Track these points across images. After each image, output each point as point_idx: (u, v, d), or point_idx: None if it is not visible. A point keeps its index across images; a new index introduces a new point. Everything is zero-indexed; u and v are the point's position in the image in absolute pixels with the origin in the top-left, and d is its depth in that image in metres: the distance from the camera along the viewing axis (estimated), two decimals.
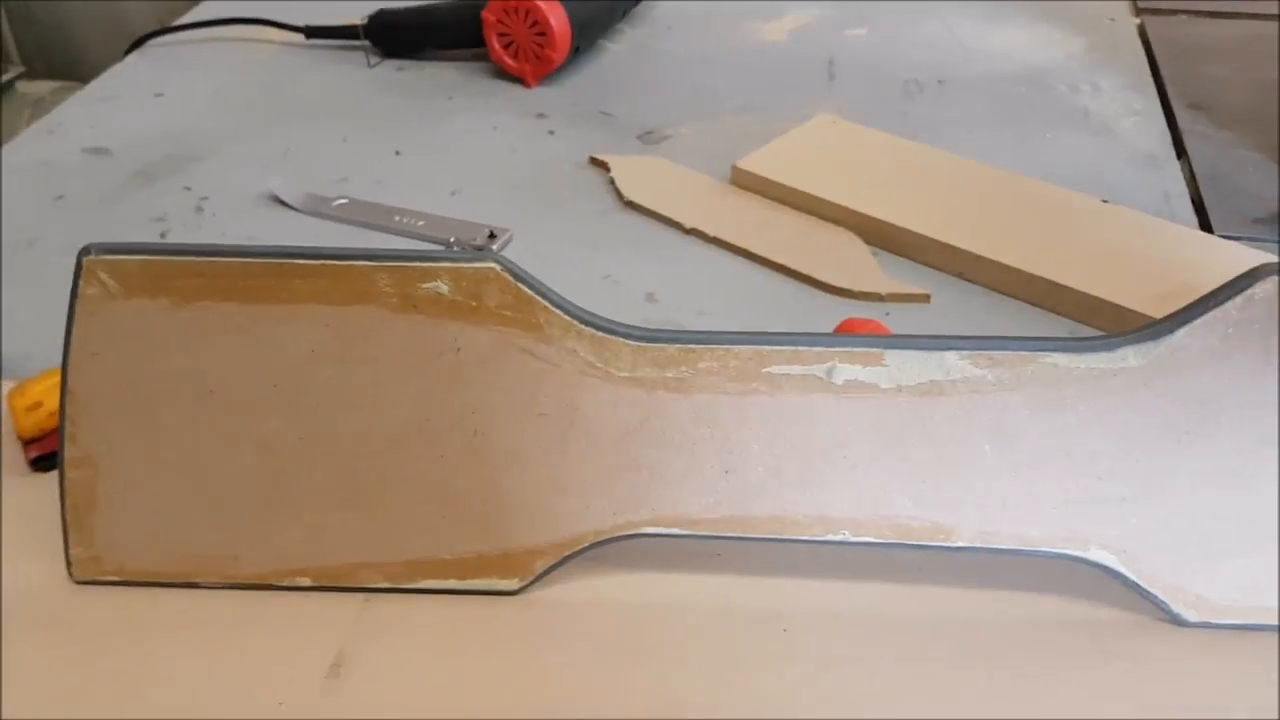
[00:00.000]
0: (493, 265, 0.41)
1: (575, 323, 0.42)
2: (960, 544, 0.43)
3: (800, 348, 0.42)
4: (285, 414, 0.43)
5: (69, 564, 0.45)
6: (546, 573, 0.45)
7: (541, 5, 0.86)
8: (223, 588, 0.45)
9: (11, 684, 0.42)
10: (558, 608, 0.45)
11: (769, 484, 0.43)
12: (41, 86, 1.82)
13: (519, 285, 0.42)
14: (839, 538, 0.43)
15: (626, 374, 0.42)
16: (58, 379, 0.52)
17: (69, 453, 0.43)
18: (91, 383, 0.42)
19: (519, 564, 0.45)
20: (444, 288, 0.41)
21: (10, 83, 1.76)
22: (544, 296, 0.42)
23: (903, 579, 0.45)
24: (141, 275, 0.40)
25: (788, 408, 0.42)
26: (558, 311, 0.42)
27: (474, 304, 0.42)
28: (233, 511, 0.44)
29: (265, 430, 0.43)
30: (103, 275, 0.40)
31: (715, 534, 0.43)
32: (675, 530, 0.44)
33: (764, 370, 0.42)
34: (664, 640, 0.44)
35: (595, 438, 0.43)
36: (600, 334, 0.42)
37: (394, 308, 0.42)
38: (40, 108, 1.76)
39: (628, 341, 0.42)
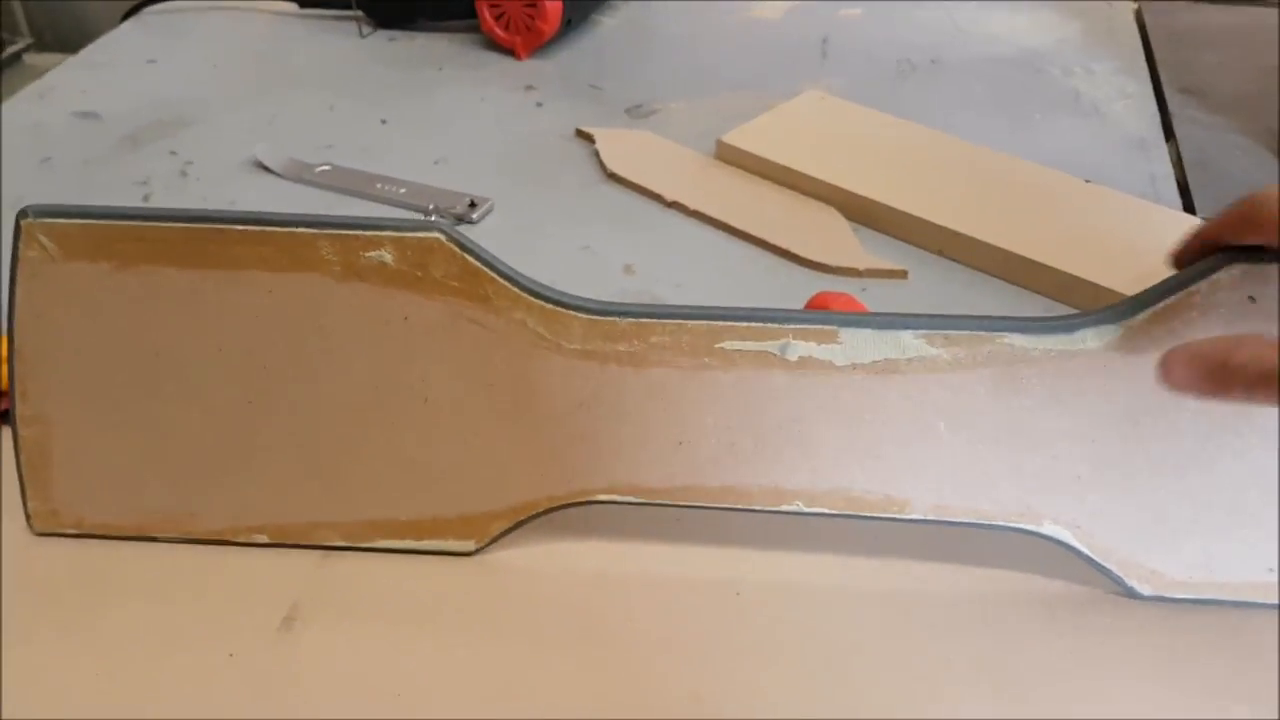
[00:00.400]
0: (437, 235, 0.41)
1: (524, 294, 0.42)
2: (913, 516, 0.42)
3: (754, 324, 0.41)
4: (233, 378, 0.43)
5: (28, 517, 0.45)
6: (501, 535, 0.45)
7: None
8: (180, 542, 0.46)
9: None
10: (514, 570, 0.45)
11: (722, 457, 0.43)
12: (49, 59, 1.82)
13: (465, 255, 0.41)
14: (792, 508, 0.43)
15: (577, 346, 0.42)
16: None
17: (20, 410, 0.43)
18: (38, 343, 0.42)
19: (475, 527, 0.45)
20: (388, 257, 0.41)
21: (17, 55, 1.77)
22: (490, 267, 0.41)
23: (856, 551, 0.45)
24: (81, 238, 0.40)
25: (741, 383, 0.42)
26: (505, 283, 0.41)
27: (419, 274, 0.41)
28: (187, 469, 0.44)
29: (214, 393, 0.43)
30: (42, 238, 0.40)
31: (669, 502, 0.43)
32: (629, 498, 0.43)
33: (717, 345, 0.42)
34: (616, 604, 0.44)
35: (547, 408, 0.43)
36: (550, 306, 0.42)
37: (337, 276, 0.41)
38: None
39: (578, 315, 0.42)
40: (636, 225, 0.69)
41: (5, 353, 0.51)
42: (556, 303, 0.42)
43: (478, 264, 0.41)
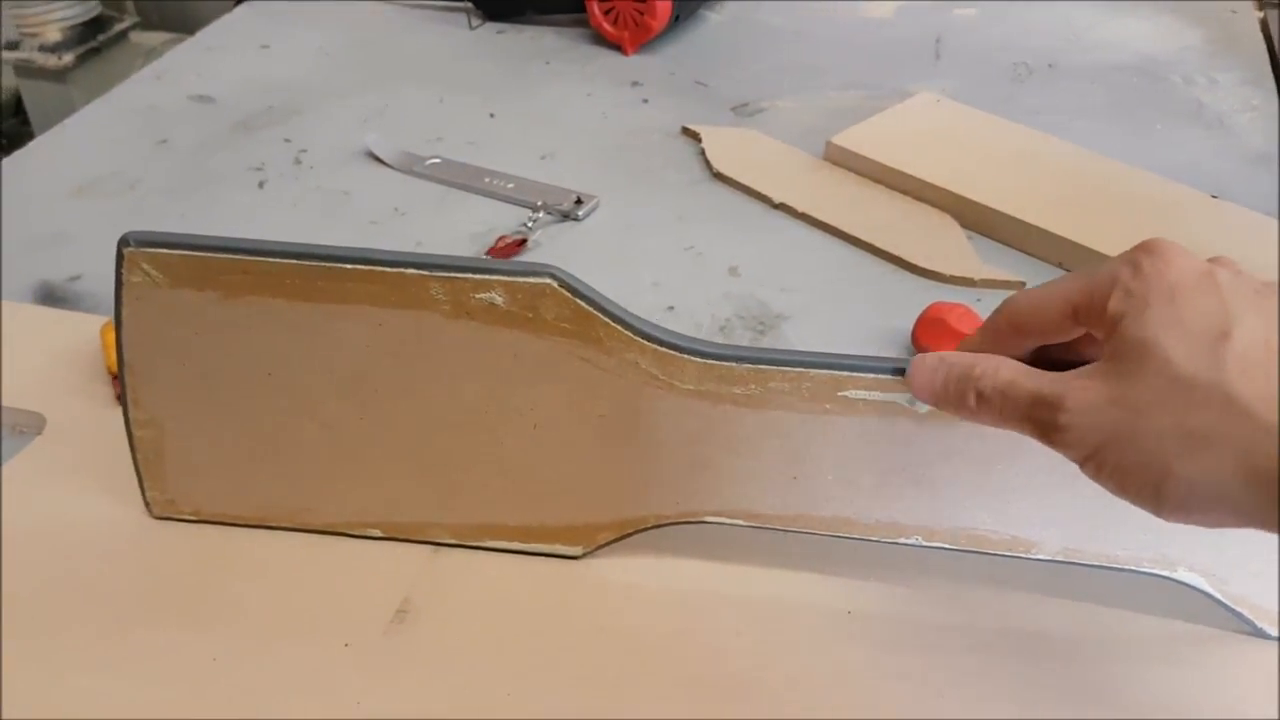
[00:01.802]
0: (549, 281, 0.39)
1: (636, 338, 0.40)
2: (1040, 556, 0.41)
3: (881, 375, 0.39)
4: (345, 396, 0.43)
5: (146, 504, 0.46)
6: (607, 544, 0.44)
7: None
8: (295, 530, 0.46)
9: (86, 610, 0.43)
10: (620, 578, 0.45)
11: (840, 491, 0.42)
12: (154, 37, 1.86)
13: (576, 300, 0.40)
14: (910, 541, 0.42)
15: (691, 387, 0.41)
16: None
17: (134, 414, 0.44)
18: (147, 357, 0.42)
19: (582, 535, 0.44)
20: (498, 299, 0.40)
21: (124, 32, 1.81)
22: (603, 311, 0.40)
23: (975, 586, 0.44)
24: (185, 268, 0.40)
25: (866, 428, 0.40)
26: (617, 326, 0.40)
27: (530, 315, 0.40)
28: (301, 472, 0.45)
29: (326, 409, 0.43)
30: (145, 266, 0.39)
31: (781, 527, 0.43)
32: (739, 521, 0.43)
33: (840, 394, 0.40)
34: (716, 620, 0.43)
35: (659, 439, 0.42)
36: (664, 350, 0.40)
37: (447, 314, 0.40)
38: (152, 58, 1.80)
39: (693, 359, 0.40)
40: (742, 226, 0.68)
41: (109, 338, 0.52)
42: (670, 346, 0.40)
43: (590, 309, 0.40)
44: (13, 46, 1.72)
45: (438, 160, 0.74)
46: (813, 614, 0.43)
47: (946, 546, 0.41)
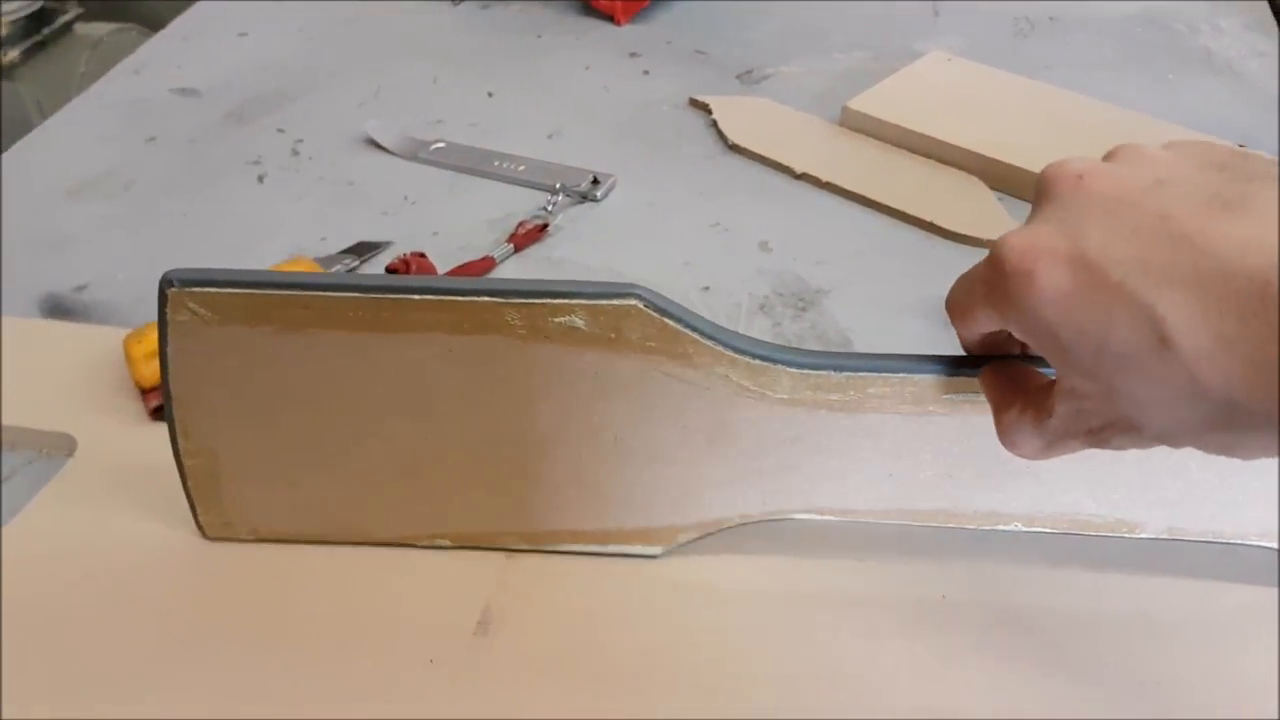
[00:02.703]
0: (634, 302, 0.37)
1: (727, 352, 0.39)
2: (1145, 535, 0.40)
3: None
4: (409, 416, 0.40)
5: (200, 527, 0.44)
6: (687, 543, 0.43)
7: None
8: (359, 544, 0.44)
9: (151, 636, 0.41)
10: (702, 576, 0.43)
11: (938, 485, 0.41)
12: (100, 28, 1.79)
13: (664, 320, 0.38)
14: (1009, 528, 0.41)
15: (785, 396, 0.39)
16: None
17: (183, 445, 0.41)
18: (196, 392, 0.40)
19: (661, 536, 0.43)
20: (579, 322, 0.38)
21: (69, 24, 1.74)
22: (691, 328, 0.38)
23: (1075, 568, 0.43)
24: (236, 305, 0.37)
25: (968, 424, 0.39)
26: (707, 343, 0.38)
27: (613, 335, 0.38)
28: (364, 488, 0.43)
29: (390, 426, 0.41)
30: (193, 305, 0.37)
31: (873, 519, 0.42)
32: (829, 516, 0.42)
33: (945, 396, 0.39)
34: (806, 616, 0.42)
35: (747, 446, 0.41)
36: (757, 362, 0.39)
37: (523, 339, 0.38)
38: (99, 50, 1.74)
39: (787, 369, 0.39)
40: (766, 198, 0.67)
41: (135, 353, 0.50)
42: (764, 358, 0.39)
43: (678, 327, 0.38)
44: None
45: (442, 144, 0.72)
46: (906, 603, 0.42)
47: (1048, 530, 0.41)
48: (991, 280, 0.29)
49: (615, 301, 0.37)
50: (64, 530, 0.45)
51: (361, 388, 0.40)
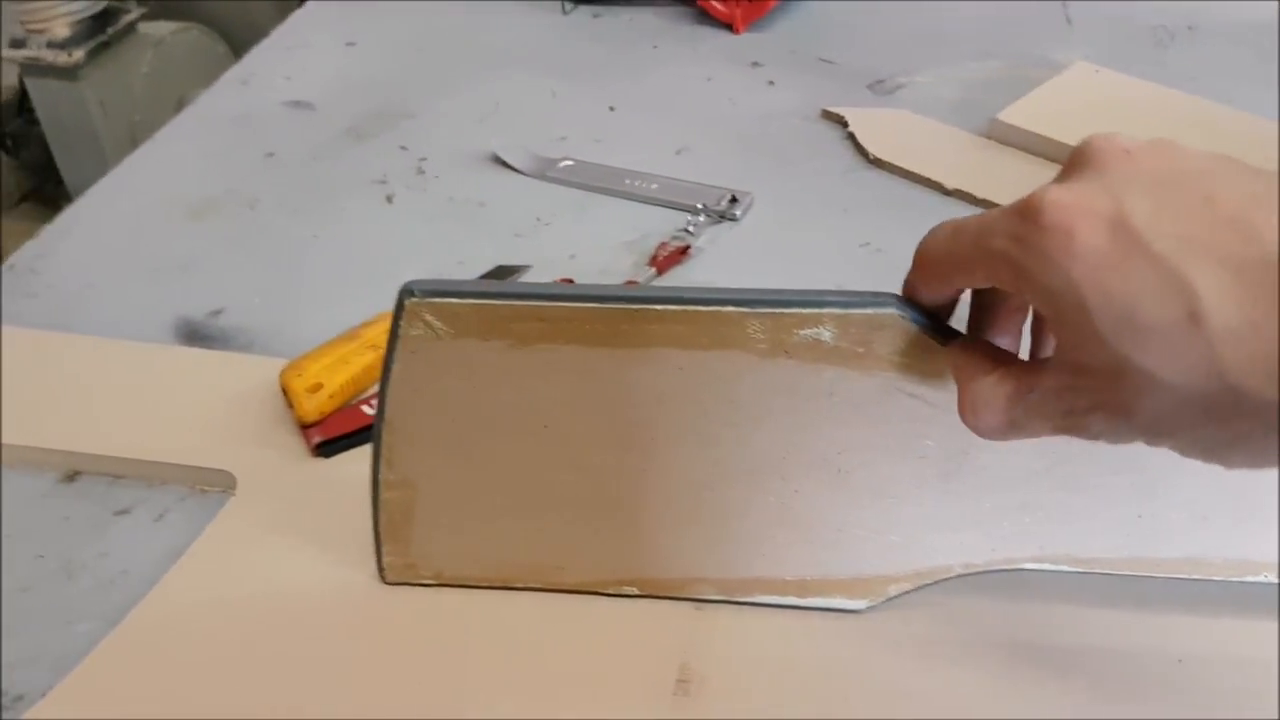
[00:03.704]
0: (891, 311, 0.34)
1: None
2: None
3: None
4: (623, 448, 0.39)
5: (381, 570, 0.42)
6: (898, 596, 0.41)
7: None
8: (541, 591, 0.42)
9: (323, 686, 0.39)
10: (915, 630, 0.41)
11: (1189, 529, 0.38)
12: (161, 27, 1.79)
13: (923, 333, 0.35)
14: (1258, 578, 0.38)
15: None
16: (335, 356, 0.49)
17: (385, 475, 0.40)
18: (410, 415, 0.39)
19: (870, 588, 0.41)
20: (825, 335, 0.35)
21: (132, 24, 1.74)
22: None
23: None
24: (474, 318, 0.36)
25: None
26: None
27: (860, 350, 0.36)
28: (558, 528, 0.41)
29: (597, 459, 0.39)
30: (429, 317, 0.36)
31: (1113, 570, 0.39)
32: (1064, 566, 0.39)
33: None
34: (1035, 672, 0.39)
35: (986, 479, 0.38)
36: None
37: (761, 354, 0.36)
38: (161, 49, 1.74)
39: None
40: (914, 216, 0.63)
41: (296, 386, 0.48)
42: None
43: (936, 340, 0.35)
44: (18, 44, 1.65)
45: (570, 162, 0.70)
46: (1139, 662, 0.39)
47: None
48: (1020, 234, 0.28)
49: (869, 311, 0.34)
50: (232, 573, 0.44)
51: (582, 412, 0.38)
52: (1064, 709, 0.38)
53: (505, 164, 0.70)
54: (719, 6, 0.84)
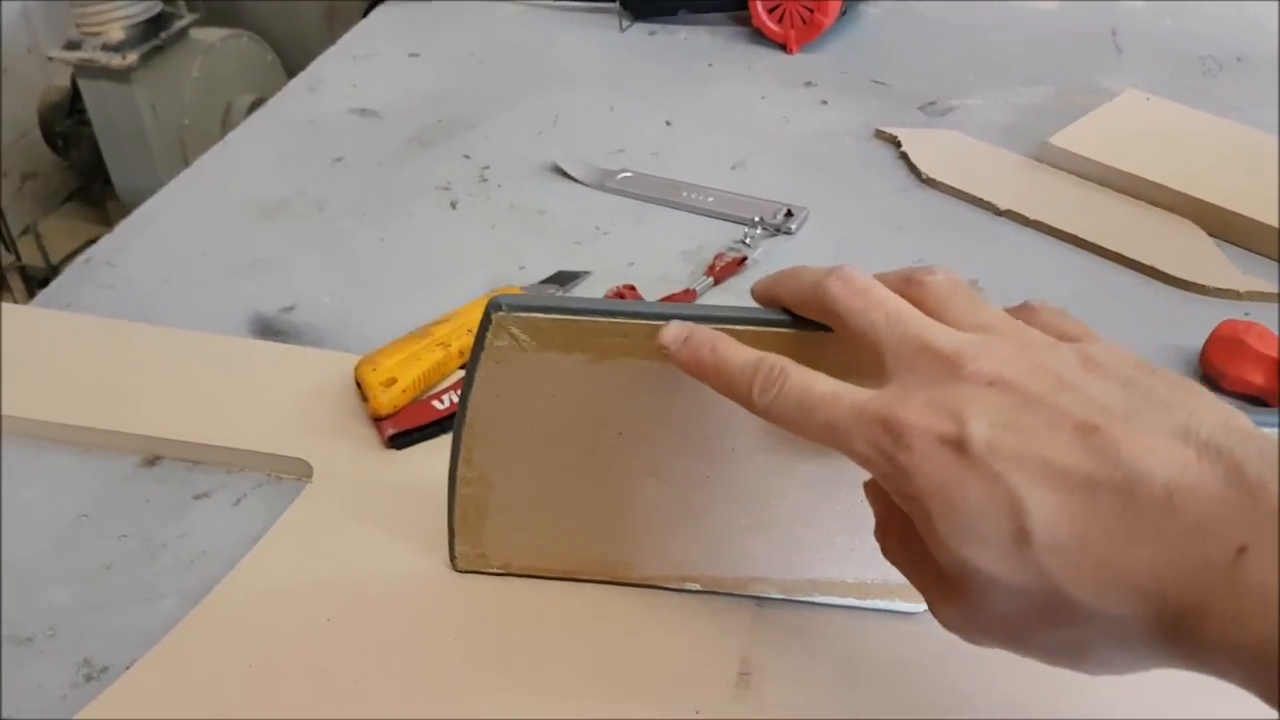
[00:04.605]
0: None
1: None
2: None
3: None
4: (695, 454, 0.40)
5: (453, 558, 0.44)
6: None
7: None
8: (607, 583, 0.44)
9: (397, 671, 0.41)
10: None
11: None
12: (213, 33, 1.82)
13: None
14: None
15: None
16: (408, 352, 0.51)
17: (463, 472, 0.41)
18: (491, 418, 0.40)
19: None
20: None
21: (185, 29, 1.77)
22: None
23: None
24: (557, 332, 0.37)
25: None
26: None
27: None
28: (629, 527, 0.42)
29: (671, 466, 0.40)
30: (515, 330, 0.37)
31: None
32: None
33: None
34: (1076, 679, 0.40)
35: None
36: None
37: (838, 372, 0.36)
38: (211, 55, 1.77)
39: None
40: (967, 235, 0.65)
41: (371, 380, 0.50)
42: None
43: None
44: (73, 46, 1.69)
45: (629, 174, 0.71)
46: None
47: None
48: (882, 447, 0.30)
49: None
50: (308, 557, 0.45)
51: (658, 422, 0.39)
52: (1113, 709, 0.39)
53: (565, 174, 0.71)
54: (773, 27, 0.86)
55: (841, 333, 0.33)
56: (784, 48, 0.86)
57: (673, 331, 0.35)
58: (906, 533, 0.32)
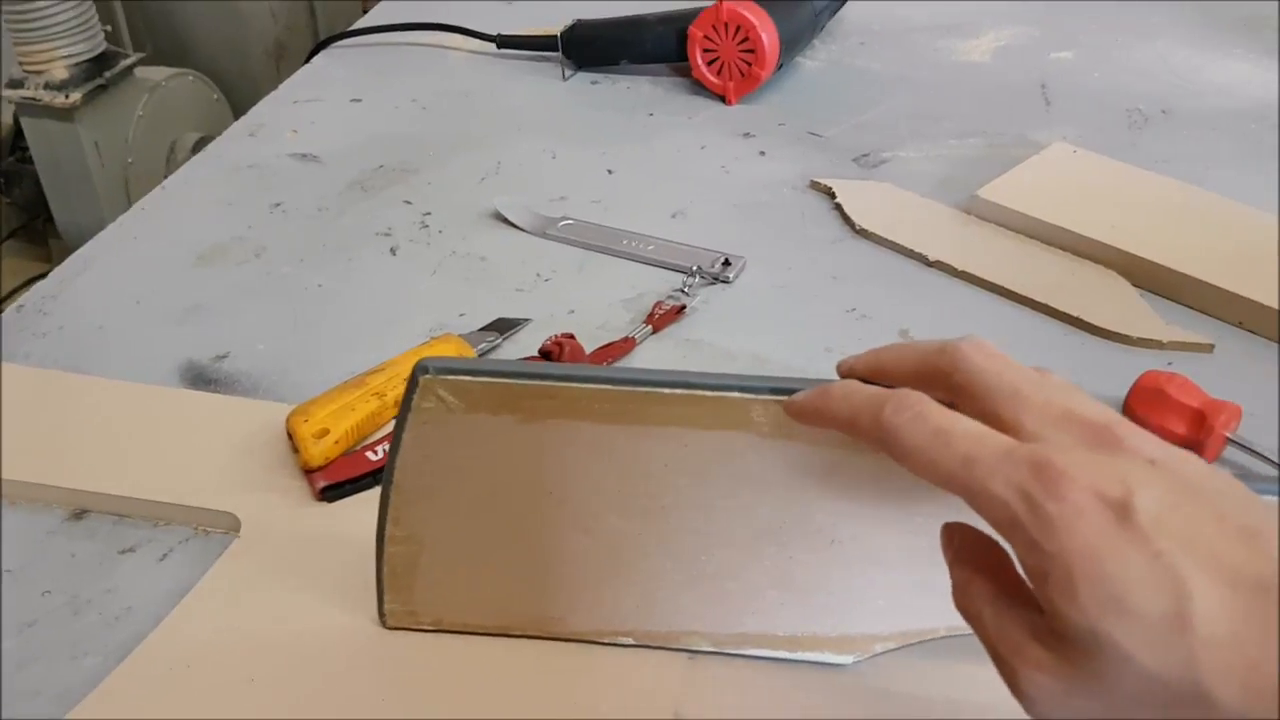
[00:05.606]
0: None
1: None
2: None
3: None
4: (626, 513, 0.40)
5: (382, 616, 0.43)
6: (884, 653, 0.42)
7: (753, 21, 0.83)
8: (539, 639, 0.44)
9: None
10: (902, 687, 0.42)
11: None
12: (158, 72, 1.81)
13: None
14: None
15: None
16: (341, 403, 0.51)
17: (391, 531, 0.41)
18: (419, 479, 0.40)
19: (856, 645, 0.42)
20: None
21: (129, 69, 1.76)
22: None
23: None
24: (485, 395, 0.37)
25: None
26: None
27: None
28: (560, 582, 0.42)
29: (602, 523, 0.41)
30: (442, 392, 0.37)
31: None
32: None
33: None
34: None
35: None
36: None
37: (764, 434, 0.37)
38: (157, 94, 1.76)
39: None
40: (899, 285, 0.66)
41: (303, 431, 0.50)
42: None
43: None
44: (16, 85, 1.67)
45: (570, 222, 0.72)
46: None
47: None
48: (1028, 491, 0.28)
49: None
50: (235, 613, 0.45)
51: (588, 481, 0.39)
52: None
53: (507, 221, 0.72)
54: (713, 79, 0.87)
55: (967, 389, 0.32)
56: (723, 99, 0.88)
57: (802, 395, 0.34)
58: (1004, 589, 0.31)
